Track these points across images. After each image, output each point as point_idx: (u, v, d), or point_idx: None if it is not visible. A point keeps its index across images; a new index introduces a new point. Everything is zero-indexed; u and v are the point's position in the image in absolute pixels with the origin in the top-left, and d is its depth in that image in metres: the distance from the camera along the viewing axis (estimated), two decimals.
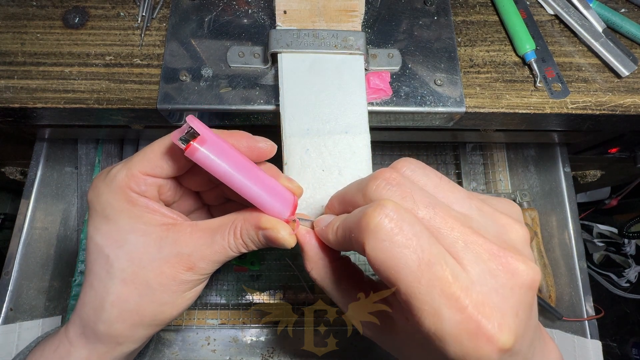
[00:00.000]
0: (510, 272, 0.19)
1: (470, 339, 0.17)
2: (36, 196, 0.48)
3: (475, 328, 0.17)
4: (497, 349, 0.17)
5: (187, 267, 0.25)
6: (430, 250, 0.18)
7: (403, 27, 0.38)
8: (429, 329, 0.18)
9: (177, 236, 0.25)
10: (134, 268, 0.24)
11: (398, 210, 0.18)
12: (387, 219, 0.18)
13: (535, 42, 0.37)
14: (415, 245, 0.18)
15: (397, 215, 0.18)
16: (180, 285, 0.25)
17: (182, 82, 0.35)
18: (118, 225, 0.25)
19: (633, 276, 1.03)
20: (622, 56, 0.37)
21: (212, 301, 0.54)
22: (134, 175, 0.24)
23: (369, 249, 0.18)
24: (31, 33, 0.37)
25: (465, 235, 0.19)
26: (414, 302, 0.18)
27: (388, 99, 0.36)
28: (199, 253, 0.25)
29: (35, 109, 0.35)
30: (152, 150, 0.25)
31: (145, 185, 0.25)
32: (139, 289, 0.25)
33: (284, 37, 0.33)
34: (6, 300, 0.43)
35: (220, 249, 0.25)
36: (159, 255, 0.24)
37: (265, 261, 0.56)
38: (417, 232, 0.18)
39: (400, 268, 0.18)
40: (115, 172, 0.25)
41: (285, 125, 0.31)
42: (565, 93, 0.37)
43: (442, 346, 0.18)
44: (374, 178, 0.21)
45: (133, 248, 0.24)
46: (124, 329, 0.25)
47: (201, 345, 0.51)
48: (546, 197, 0.54)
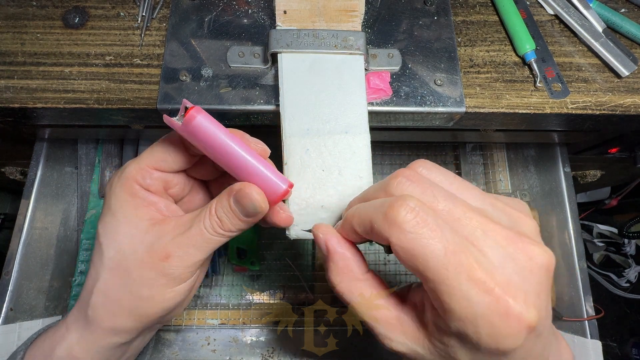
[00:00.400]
0: (528, 256, 0.20)
1: (501, 319, 0.18)
2: (36, 196, 0.48)
3: (504, 308, 0.18)
4: (526, 327, 0.18)
5: (163, 255, 0.25)
6: (454, 240, 0.19)
7: (403, 27, 0.38)
8: (460, 314, 0.19)
9: (161, 228, 0.26)
10: (119, 257, 0.25)
11: (420, 204, 0.20)
12: (412, 213, 0.19)
13: (535, 42, 0.37)
14: (440, 236, 0.19)
15: (420, 209, 0.19)
16: (159, 278, 0.25)
17: (182, 82, 0.35)
18: (115, 217, 0.26)
19: (633, 276, 1.03)
20: (622, 56, 0.37)
21: (212, 301, 0.54)
22: (142, 169, 0.26)
23: (396, 241, 0.19)
24: (31, 33, 0.37)
25: (483, 224, 0.20)
26: (443, 288, 0.19)
27: (388, 99, 0.36)
28: (175, 241, 0.25)
29: (35, 109, 0.35)
30: (158, 145, 0.27)
31: (150, 179, 0.26)
32: (122, 278, 0.25)
33: (284, 37, 0.33)
34: (6, 300, 0.43)
35: (196, 232, 0.25)
36: (142, 246, 0.25)
37: (265, 261, 0.56)
38: (439, 224, 0.19)
39: (427, 257, 0.19)
40: (127, 165, 0.27)
41: (285, 125, 0.31)
42: (565, 93, 0.37)
43: (474, 330, 0.19)
44: (394, 176, 0.22)
45: (122, 238, 0.26)
46: (106, 316, 0.26)
47: (201, 345, 0.51)
48: (546, 197, 0.54)
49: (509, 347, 0.19)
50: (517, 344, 0.19)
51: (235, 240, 0.54)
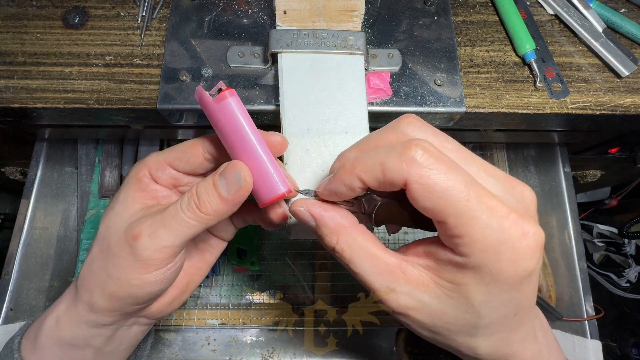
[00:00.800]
0: (520, 192, 0.22)
1: (520, 241, 0.19)
2: (36, 196, 0.48)
3: (522, 230, 0.19)
4: (541, 245, 0.20)
5: (135, 234, 0.24)
6: (468, 175, 0.20)
7: (403, 27, 0.38)
8: (484, 244, 0.19)
9: (146, 211, 0.26)
10: (105, 233, 0.26)
11: (433, 144, 0.20)
12: (428, 152, 0.20)
13: (535, 42, 0.37)
14: (458, 170, 0.20)
15: (435, 148, 0.20)
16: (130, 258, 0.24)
17: (182, 82, 0.35)
18: (117, 197, 0.28)
19: (633, 276, 1.03)
20: (622, 56, 0.37)
21: (212, 301, 0.54)
22: (159, 161, 0.28)
23: (416, 178, 0.20)
24: (31, 33, 0.37)
25: (484, 165, 0.22)
26: (465, 220, 0.19)
27: (388, 99, 0.36)
28: (148, 220, 0.25)
29: (35, 109, 0.35)
30: (180, 145, 0.28)
31: (162, 173, 0.28)
32: (103, 252, 0.26)
33: (284, 37, 0.33)
34: (6, 300, 0.43)
35: (171, 212, 0.24)
36: (123, 225, 0.26)
37: (265, 261, 0.56)
38: (454, 162, 0.20)
39: (449, 191, 0.19)
40: (149, 155, 0.28)
41: (285, 125, 0.31)
42: (565, 93, 0.37)
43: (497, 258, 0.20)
44: (403, 118, 0.23)
45: (113, 214, 0.27)
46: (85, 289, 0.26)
47: (201, 345, 0.51)
48: (546, 197, 0.54)
49: (528, 269, 0.20)
50: (534, 265, 0.20)
51: (235, 241, 0.54)
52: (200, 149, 0.28)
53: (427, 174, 0.19)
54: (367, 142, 0.24)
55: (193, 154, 0.28)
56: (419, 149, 0.20)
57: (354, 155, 0.24)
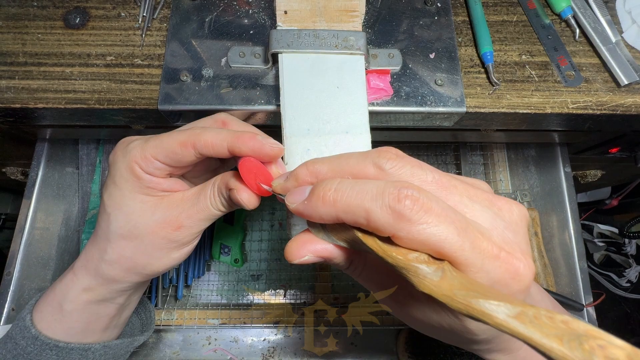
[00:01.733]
0: (509, 211, 0.21)
1: (512, 278, 0.19)
2: (37, 196, 0.48)
3: (513, 267, 0.19)
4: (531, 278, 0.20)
5: (175, 226, 0.29)
6: (457, 217, 0.19)
7: (403, 27, 0.38)
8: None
9: (169, 203, 0.29)
10: (129, 227, 0.29)
11: (421, 190, 0.19)
12: (417, 203, 0.18)
13: (546, 31, 0.38)
14: (447, 218, 0.19)
15: (423, 195, 0.19)
16: (169, 243, 0.30)
17: (182, 82, 0.35)
18: (122, 192, 0.29)
19: (634, 276, 1.03)
20: (626, 65, 0.37)
21: (213, 301, 0.54)
22: (146, 158, 0.28)
23: (406, 234, 0.19)
24: (32, 33, 0.37)
25: (466, 190, 0.21)
26: (462, 268, 0.19)
27: (389, 99, 0.36)
28: (186, 212, 0.29)
29: (36, 109, 0.35)
30: (168, 141, 0.27)
31: (153, 168, 0.28)
32: (134, 244, 0.29)
33: (284, 37, 0.33)
34: (8, 300, 0.43)
35: (203, 207, 0.29)
36: (153, 218, 0.29)
37: (265, 261, 0.56)
38: (442, 206, 0.19)
39: (443, 243, 0.18)
40: (133, 147, 0.28)
41: (286, 125, 0.31)
42: (579, 80, 0.37)
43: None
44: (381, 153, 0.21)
45: (130, 211, 0.29)
46: (120, 270, 0.30)
47: (202, 345, 0.51)
48: (546, 197, 0.54)
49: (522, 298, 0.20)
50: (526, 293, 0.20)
51: (220, 237, 0.55)
52: (192, 150, 0.27)
53: (417, 230, 0.18)
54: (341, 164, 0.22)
55: (185, 154, 0.27)
56: (408, 201, 0.18)
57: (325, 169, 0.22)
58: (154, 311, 0.43)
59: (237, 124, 0.31)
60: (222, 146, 0.26)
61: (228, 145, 0.26)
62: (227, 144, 0.26)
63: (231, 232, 0.54)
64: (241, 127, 0.31)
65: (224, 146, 0.26)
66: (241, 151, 0.26)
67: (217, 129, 0.27)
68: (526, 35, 0.39)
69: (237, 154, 0.27)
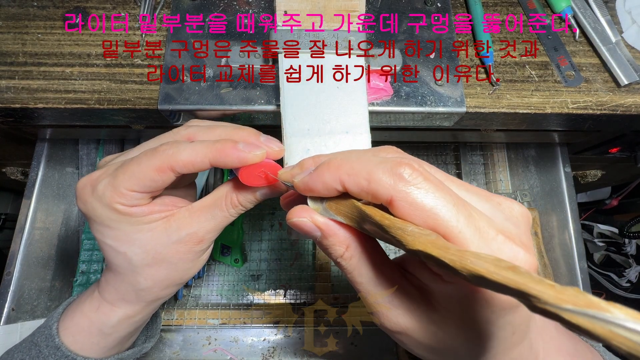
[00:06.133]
0: (508, 207, 0.21)
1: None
2: (37, 196, 0.48)
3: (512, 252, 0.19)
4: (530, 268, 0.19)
5: (197, 241, 0.29)
6: (454, 193, 0.20)
7: (403, 27, 0.38)
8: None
9: (179, 223, 0.28)
10: (152, 255, 0.29)
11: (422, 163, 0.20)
12: (417, 171, 0.19)
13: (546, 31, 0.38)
14: (445, 190, 0.19)
15: (423, 167, 0.20)
16: (195, 254, 0.30)
17: (182, 82, 0.35)
18: (123, 230, 0.27)
19: (634, 276, 1.03)
20: (627, 65, 0.37)
21: (213, 301, 0.54)
22: (123, 194, 0.26)
23: (403, 195, 0.19)
24: (32, 33, 0.37)
25: (464, 185, 0.21)
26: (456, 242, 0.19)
27: (389, 99, 0.36)
28: (205, 228, 0.29)
29: (36, 109, 0.35)
30: (141, 170, 0.25)
31: (135, 200, 0.26)
32: (164, 266, 0.29)
33: (284, 37, 0.33)
34: (8, 300, 0.43)
35: (222, 220, 0.29)
36: (170, 240, 0.28)
37: (265, 261, 0.56)
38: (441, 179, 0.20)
39: (438, 209, 0.19)
40: (102, 189, 0.26)
41: (286, 125, 0.31)
42: (579, 80, 0.37)
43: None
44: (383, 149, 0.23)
45: (144, 242, 0.28)
46: (159, 290, 0.31)
47: (202, 345, 0.51)
48: (546, 197, 0.54)
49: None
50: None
51: (220, 237, 0.55)
52: (171, 173, 0.26)
53: (415, 192, 0.19)
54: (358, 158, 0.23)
55: (164, 179, 0.26)
56: (407, 168, 0.19)
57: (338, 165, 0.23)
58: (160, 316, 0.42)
59: (204, 133, 0.28)
60: (203, 162, 0.25)
61: (210, 161, 0.25)
62: (209, 160, 0.25)
63: (231, 232, 0.54)
64: (209, 133, 0.28)
65: (206, 162, 0.25)
66: (226, 165, 0.25)
67: (191, 145, 0.25)
68: (526, 35, 0.39)
69: (222, 167, 0.26)
